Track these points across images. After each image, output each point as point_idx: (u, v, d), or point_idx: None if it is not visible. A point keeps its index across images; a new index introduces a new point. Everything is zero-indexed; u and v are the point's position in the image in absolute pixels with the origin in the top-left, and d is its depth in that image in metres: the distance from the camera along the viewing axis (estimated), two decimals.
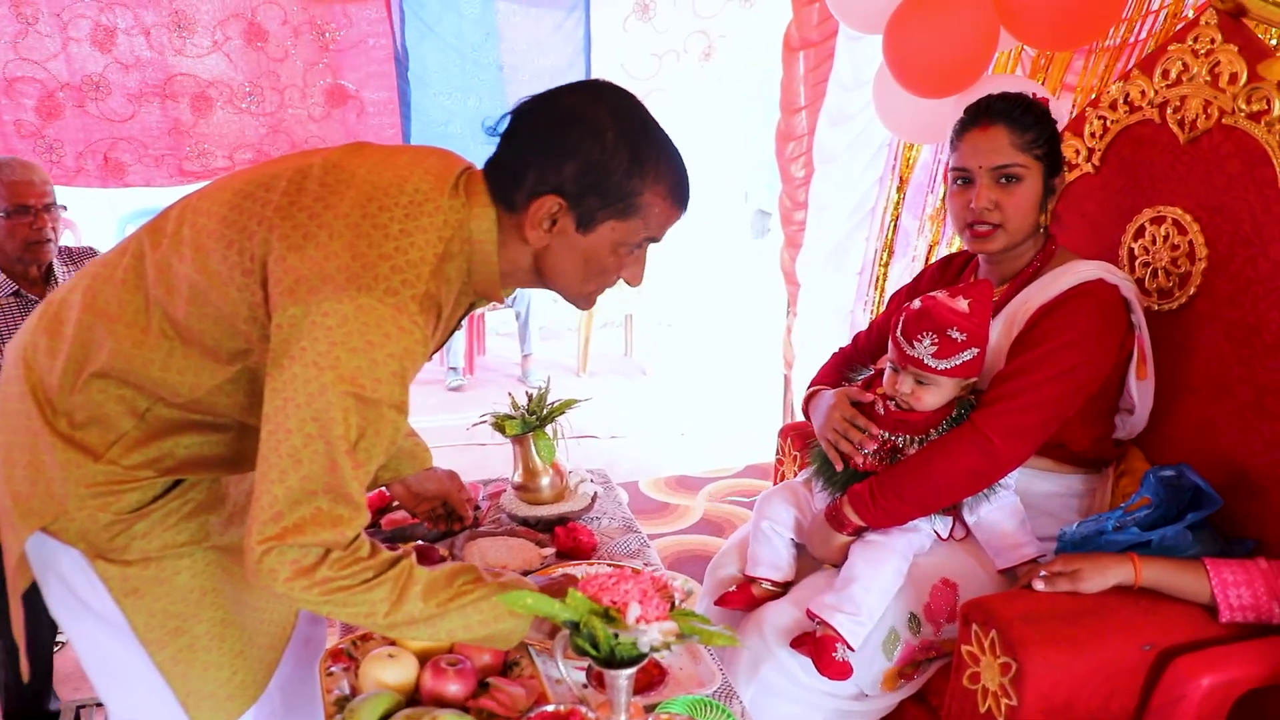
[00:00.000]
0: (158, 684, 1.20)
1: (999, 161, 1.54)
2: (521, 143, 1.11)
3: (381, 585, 1.05)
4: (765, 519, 1.72)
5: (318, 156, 1.13)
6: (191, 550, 1.20)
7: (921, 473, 1.52)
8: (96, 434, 1.12)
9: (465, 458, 3.98)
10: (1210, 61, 1.60)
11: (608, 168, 1.07)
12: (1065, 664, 1.30)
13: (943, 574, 1.58)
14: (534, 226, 1.10)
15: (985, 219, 1.57)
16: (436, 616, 1.08)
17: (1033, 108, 1.57)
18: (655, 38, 3.72)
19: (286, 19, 3.35)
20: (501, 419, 1.90)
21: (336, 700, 1.25)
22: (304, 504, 1.01)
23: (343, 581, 1.03)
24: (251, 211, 1.07)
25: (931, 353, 1.51)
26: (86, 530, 1.13)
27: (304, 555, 1.01)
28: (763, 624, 1.59)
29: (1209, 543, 1.48)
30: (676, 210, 1.16)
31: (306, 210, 1.05)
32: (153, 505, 1.16)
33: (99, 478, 1.12)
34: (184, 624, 1.19)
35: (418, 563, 1.11)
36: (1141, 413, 1.64)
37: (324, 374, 0.99)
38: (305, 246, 1.02)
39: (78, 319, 1.13)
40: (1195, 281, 1.63)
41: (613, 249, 1.13)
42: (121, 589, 1.16)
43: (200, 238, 1.09)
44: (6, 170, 2.06)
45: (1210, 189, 1.61)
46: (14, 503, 1.13)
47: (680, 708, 1.23)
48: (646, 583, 1.09)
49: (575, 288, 1.18)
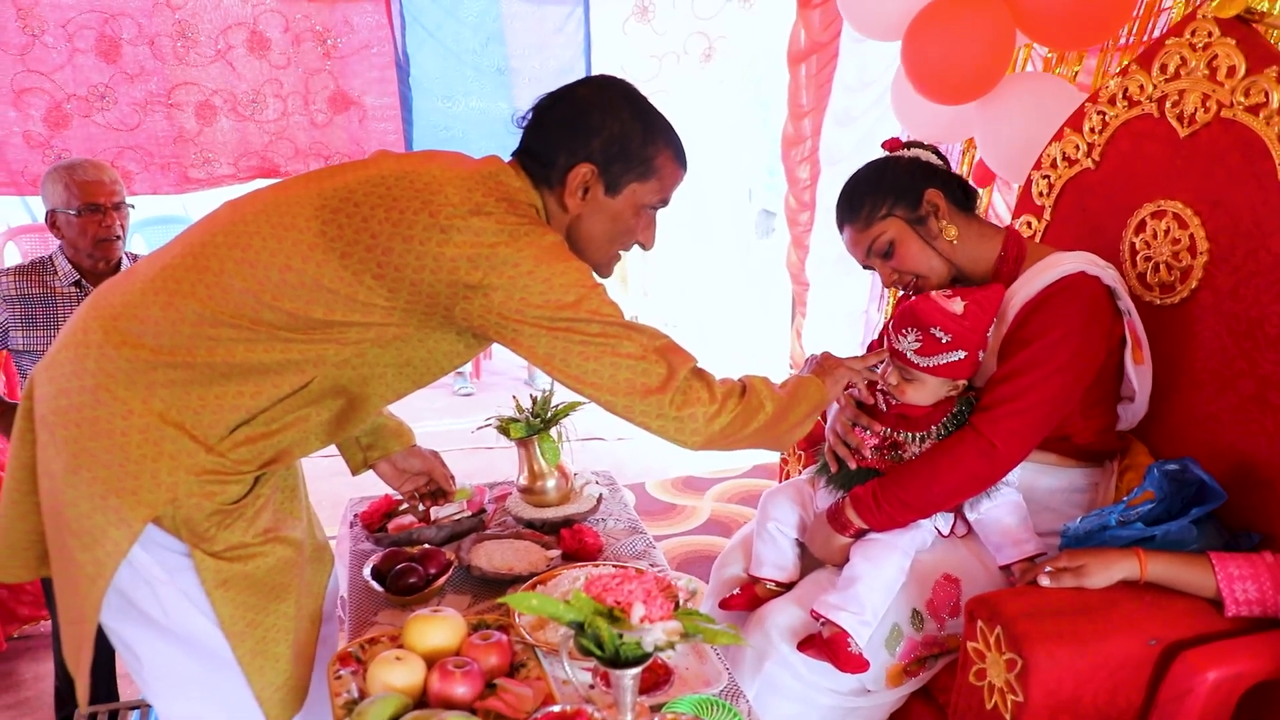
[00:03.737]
0: (231, 683, 1.25)
1: (862, 256, 1.67)
2: (548, 131, 1.31)
3: (761, 392, 1.35)
4: (770, 519, 1.73)
5: (379, 167, 1.24)
6: (266, 544, 1.26)
7: (924, 478, 1.52)
8: (210, 426, 1.19)
9: (472, 461, 3.99)
10: (1208, 55, 1.60)
11: (628, 137, 1.29)
12: (1071, 659, 1.30)
13: (945, 570, 1.59)
14: (572, 194, 1.30)
15: (901, 284, 1.67)
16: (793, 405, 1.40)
17: (857, 191, 1.64)
18: (655, 39, 3.73)
19: (288, 27, 3.37)
20: (506, 422, 1.91)
21: (345, 703, 1.26)
22: (652, 373, 1.24)
23: (735, 411, 1.30)
24: (350, 226, 1.17)
25: (914, 349, 1.52)
26: (191, 519, 1.20)
27: (699, 400, 1.26)
28: (765, 621, 1.59)
29: (1214, 537, 1.48)
30: (681, 169, 1.38)
31: (424, 211, 1.17)
32: (247, 498, 1.24)
33: (209, 465, 1.18)
34: (259, 617, 1.26)
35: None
36: (1142, 399, 1.64)
37: (549, 299, 1.18)
38: (450, 237, 1.16)
39: (166, 330, 1.17)
40: (1196, 275, 1.63)
41: (635, 210, 1.34)
42: (214, 579, 1.22)
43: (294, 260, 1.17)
44: (79, 170, 2.13)
45: (1210, 183, 1.61)
46: (120, 499, 1.16)
47: (686, 707, 1.23)
48: (651, 583, 1.09)
49: (603, 249, 1.37)
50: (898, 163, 1.64)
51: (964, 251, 1.62)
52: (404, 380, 1.32)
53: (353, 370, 1.25)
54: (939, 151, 1.67)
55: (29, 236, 3.77)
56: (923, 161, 1.64)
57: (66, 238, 2.15)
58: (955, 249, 1.61)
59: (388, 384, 1.31)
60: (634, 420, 1.28)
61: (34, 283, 2.15)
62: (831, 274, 3.78)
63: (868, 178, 1.64)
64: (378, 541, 1.80)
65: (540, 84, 3.61)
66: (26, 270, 2.16)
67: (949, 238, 1.59)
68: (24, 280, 2.14)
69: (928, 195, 1.59)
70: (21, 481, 1.27)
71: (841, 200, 1.67)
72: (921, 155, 1.65)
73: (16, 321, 2.12)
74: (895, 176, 1.61)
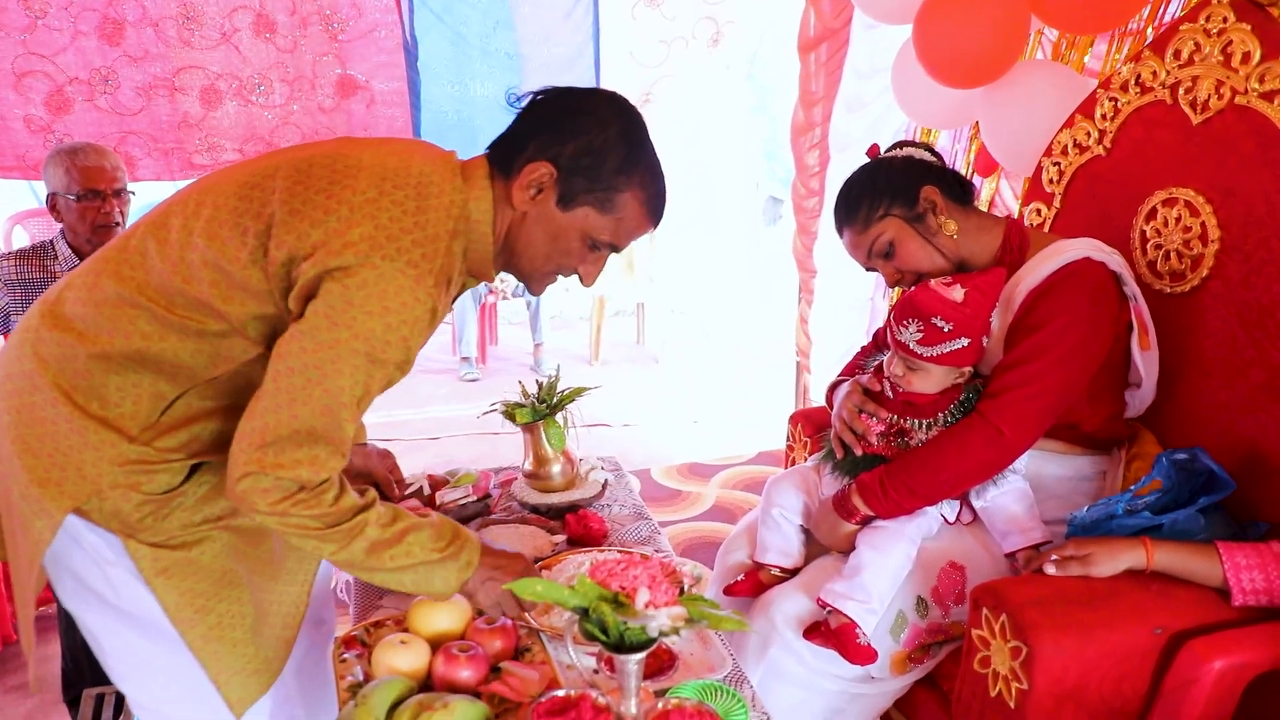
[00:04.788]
0: (188, 666, 1.23)
1: (863, 258, 1.66)
2: (535, 117, 1.22)
3: (334, 534, 1.14)
4: (775, 505, 1.73)
5: (311, 150, 1.19)
6: (212, 531, 1.24)
7: (932, 466, 1.52)
8: (129, 416, 1.16)
9: (477, 446, 4.01)
10: (1223, 41, 1.58)
11: (603, 155, 1.19)
12: (1076, 648, 1.29)
13: (950, 557, 1.58)
14: (522, 189, 1.19)
15: (903, 284, 1.65)
16: (374, 570, 1.18)
17: (852, 194, 1.63)
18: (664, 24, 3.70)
19: (295, 10, 3.34)
20: (511, 407, 1.91)
21: (350, 686, 1.27)
22: (288, 440, 1.08)
23: (301, 520, 1.11)
24: (261, 200, 1.13)
25: (916, 339, 1.52)
26: (119, 510, 1.17)
27: (277, 487, 1.09)
28: (770, 607, 1.59)
29: (1221, 526, 1.47)
30: (648, 222, 1.26)
31: (322, 192, 1.11)
32: (180, 488, 1.20)
33: (132, 455, 1.16)
34: (209, 603, 1.23)
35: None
36: (1149, 385, 1.63)
37: (339, 331, 1.07)
38: (327, 221, 1.09)
39: (90, 313, 1.16)
40: (1207, 264, 1.62)
41: (581, 237, 1.23)
42: (152, 569, 1.19)
43: (214, 228, 1.13)
44: (80, 155, 2.12)
45: (1223, 170, 1.59)
46: (42, 489, 1.15)
47: (691, 692, 1.23)
48: (655, 568, 1.09)
49: (536, 263, 1.26)
50: (891, 163, 1.64)
51: (965, 245, 1.61)
52: None
53: (262, 366, 1.15)
54: (932, 149, 1.67)
55: (36, 220, 3.77)
56: (916, 159, 1.64)
57: (66, 222, 2.15)
58: (956, 243, 1.60)
59: None
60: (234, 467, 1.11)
61: (34, 267, 2.14)
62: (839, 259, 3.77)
63: (862, 180, 1.64)
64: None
65: (550, 70, 3.58)
66: (27, 254, 2.16)
67: (949, 233, 1.59)
68: (24, 265, 2.14)
69: (924, 192, 1.59)
70: None
71: (838, 204, 1.66)
72: (915, 154, 1.65)
73: (17, 306, 2.12)
74: (890, 176, 1.61)
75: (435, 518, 1.25)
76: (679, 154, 5.76)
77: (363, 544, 1.15)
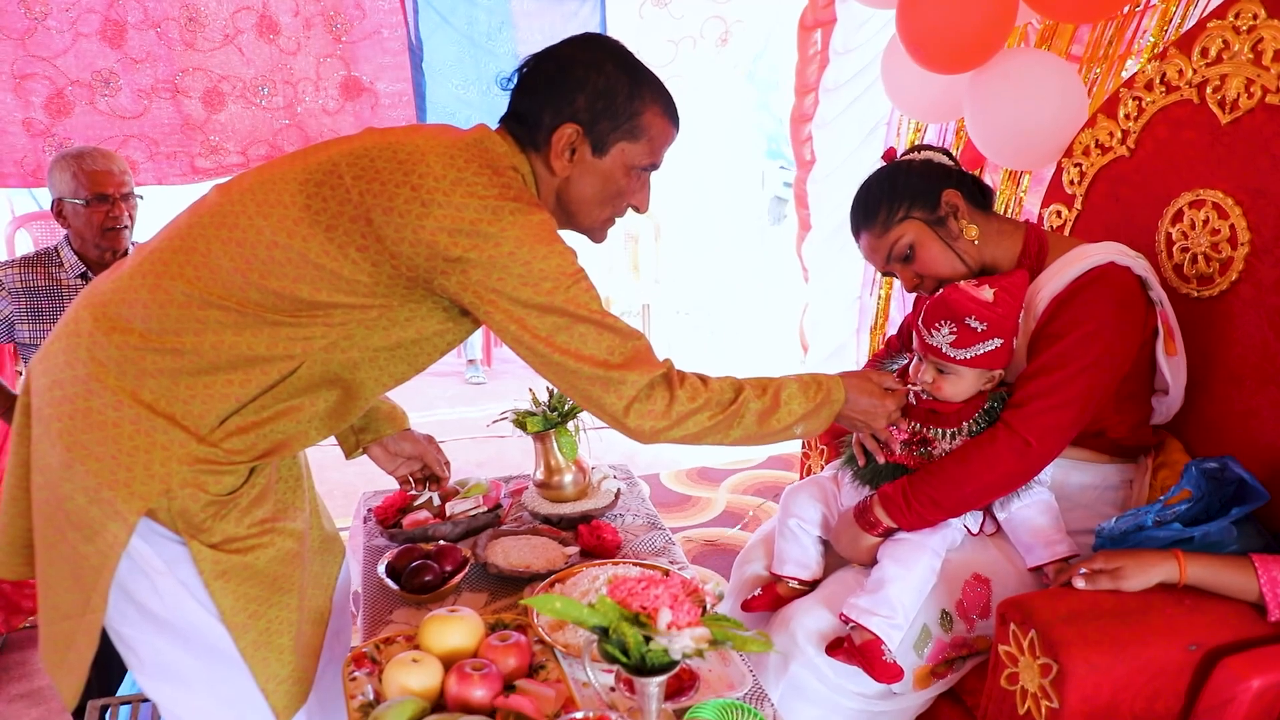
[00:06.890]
0: (233, 674, 1.24)
1: (881, 261, 1.63)
2: (532, 91, 1.27)
3: (725, 419, 1.29)
4: (792, 516, 1.69)
5: (352, 143, 1.21)
6: (266, 534, 1.25)
7: (957, 477, 1.48)
8: (199, 416, 1.17)
9: (483, 450, 3.97)
10: (1253, 38, 1.54)
11: (613, 92, 1.25)
12: (1108, 665, 1.26)
13: (974, 569, 1.55)
14: (558, 156, 1.26)
15: (922, 289, 1.62)
16: (766, 436, 1.35)
17: (871, 196, 1.60)
18: (671, 24, 3.67)
19: (298, 11, 3.31)
20: (523, 415, 1.87)
21: (360, 706, 1.23)
22: (601, 370, 1.21)
23: (699, 420, 1.27)
24: (338, 198, 1.16)
25: (949, 342, 1.48)
26: (187, 510, 1.18)
27: (650, 393, 1.23)
28: (791, 623, 1.55)
29: (1254, 538, 1.43)
30: (672, 127, 1.33)
31: (405, 184, 1.14)
32: (241, 489, 1.22)
33: (200, 455, 1.16)
34: (261, 608, 1.24)
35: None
36: (1176, 392, 1.60)
37: (540, 287, 1.17)
38: (431, 211, 1.13)
39: (155, 314, 1.16)
40: (1237, 267, 1.58)
41: (625, 171, 1.30)
42: (213, 570, 1.20)
43: (292, 225, 1.15)
44: (87, 159, 2.10)
45: (1253, 171, 1.55)
46: (114, 491, 1.15)
47: (710, 712, 1.19)
48: (677, 587, 1.06)
49: (594, 213, 1.33)
50: (910, 166, 1.61)
51: (986, 251, 1.58)
52: (397, 363, 1.29)
53: (341, 354, 1.22)
54: (950, 153, 1.64)
55: (38, 224, 3.74)
56: (935, 163, 1.61)
57: (73, 227, 2.12)
58: (978, 249, 1.57)
59: (380, 368, 1.28)
60: (588, 410, 1.29)
61: (39, 274, 2.11)
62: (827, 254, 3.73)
63: (881, 182, 1.61)
64: (392, 537, 1.76)
65: None
66: (31, 262, 2.12)
67: (970, 237, 1.56)
68: (29, 272, 2.11)
69: (945, 196, 1.55)
70: (22, 479, 1.25)
71: (856, 207, 1.63)
72: (934, 157, 1.62)
73: (22, 314, 2.09)
74: (910, 179, 1.58)
75: (791, 375, 1.40)
76: (685, 154, 5.72)
77: (752, 417, 1.30)
